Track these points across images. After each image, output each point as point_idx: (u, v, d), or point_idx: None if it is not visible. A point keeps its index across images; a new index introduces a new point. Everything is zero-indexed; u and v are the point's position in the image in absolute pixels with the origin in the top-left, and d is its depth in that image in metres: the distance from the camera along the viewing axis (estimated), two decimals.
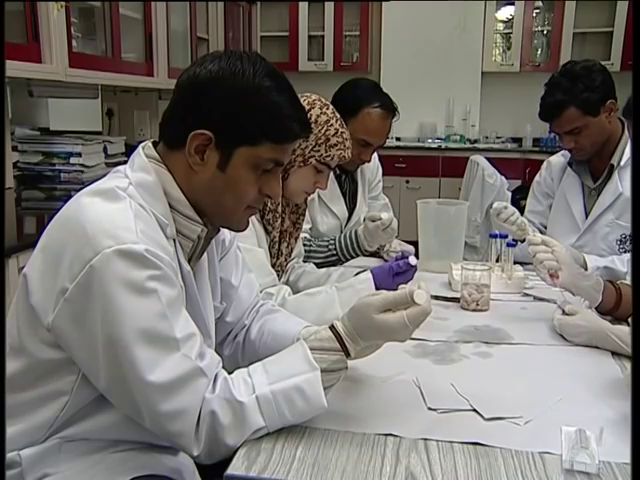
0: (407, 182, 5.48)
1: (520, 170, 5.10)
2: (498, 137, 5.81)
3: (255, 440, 1.03)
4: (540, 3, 5.77)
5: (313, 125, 1.66)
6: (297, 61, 5.88)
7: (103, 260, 0.96)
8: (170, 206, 1.10)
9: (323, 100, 1.73)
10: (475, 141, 5.75)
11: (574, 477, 0.95)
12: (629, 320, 1.62)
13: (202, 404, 1.01)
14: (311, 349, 1.07)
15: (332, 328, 1.10)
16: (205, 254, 1.23)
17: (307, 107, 1.68)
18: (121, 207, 1.03)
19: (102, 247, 0.97)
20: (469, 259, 2.91)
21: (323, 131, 1.66)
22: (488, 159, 4.43)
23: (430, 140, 5.74)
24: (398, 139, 5.73)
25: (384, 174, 2.62)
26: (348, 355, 1.09)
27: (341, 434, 1.07)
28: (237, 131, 1.06)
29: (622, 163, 2.11)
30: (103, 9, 3.05)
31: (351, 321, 1.10)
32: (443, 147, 5.60)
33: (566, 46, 5.51)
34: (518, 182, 4.72)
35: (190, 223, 1.12)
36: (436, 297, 1.81)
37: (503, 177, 4.23)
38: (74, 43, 2.79)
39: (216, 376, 1.05)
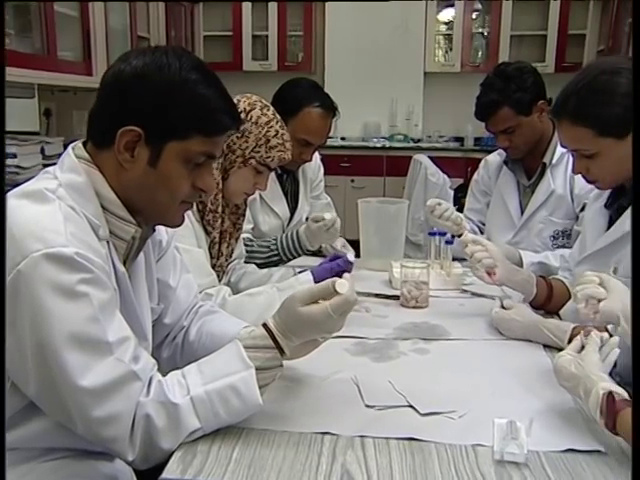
0: (352, 181, 5.52)
1: (462, 169, 5.19)
2: (441, 136, 5.90)
3: (191, 442, 1.03)
4: (479, 5, 5.89)
5: (253, 126, 1.66)
6: (241, 61, 5.84)
7: (31, 264, 0.94)
8: (102, 207, 1.08)
9: (263, 101, 1.73)
10: (418, 140, 5.83)
11: (504, 467, 0.98)
12: (560, 313, 1.68)
13: (136, 408, 1.00)
14: (245, 348, 1.07)
15: (265, 326, 1.10)
16: (142, 255, 1.21)
17: (247, 108, 1.67)
18: (50, 209, 1.01)
19: (30, 251, 0.94)
20: (413, 257, 2.96)
21: (263, 132, 1.66)
22: (431, 158, 4.50)
23: (375, 140, 5.79)
24: (343, 139, 5.76)
25: (329, 174, 2.63)
26: (282, 352, 1.09)
27: (278, 434, 1.07)
28: (166, 126, 1.05)
29: (554, 161, 2.17)
30: (38, 6, 2.97)
31: (281, 317, 1.10)
32: (387, 146, 5.66)
33: (504, 48, 5.64)
34: (460, 180, 4.80)
35: (123, 224, 1.10)
36: (377, 295, 1.84)
37: (446, 176, 4.30)
38: (7, 40, 2.70)
39: (150, 379, 1.04)
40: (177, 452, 1.00)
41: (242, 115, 1.66)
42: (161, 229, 1.30)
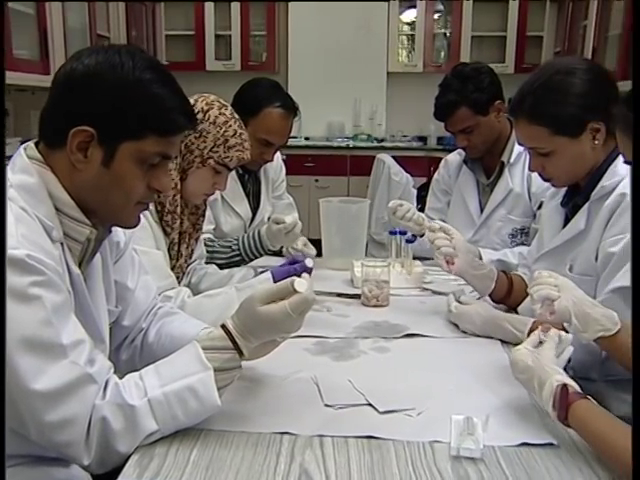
0: (316, 181, 5.52)
1: (425, 168, 5.23)
2: (404, 136, 5.94)
3: (149, 445, 1.02)
4: (441, 6, 5.95)
5: (211, 126, 1.65)
6: (204, 60, 5.80)
7: None
8: (56, 208, 1.06)
9: (221, 101, 1.72)
10: (382, 140, 5.86)
11: (460, 463, 0.99)
12: (518, 309, 1.70)
13: (92, 411, 0.99)
14: (203, 349, 1.07)
15: (223, 327, 1.10)
16: (98, 257, 1.19)
17: (205, 108, 1.67)
18: None
19: None
20: (377, 255, 2.98)
21: (222, 132, 1.65)
22: (395, 157, 4.53)
23: (339, 139, 5.80)
24: (307, 138, 5.77)
25: (293, 173, 2.63)
26: (241, 353, 1.09)
27: (237, 435, 1.07)
28: (119, 126, 1.04)
29: (512, 160, 2.21)
30: None
31: (240, 318, 1.10)
32: (351, 146, 5.67)
33: (465, 48, 5.71)
34: (423, 179, 4.84)
35: (77, 225, 1.09)
36: (338, 294, 1.84)
37: (409, 175, 4.33)
38: None
39: (107, 382, 1.03)
40: (134, 455, 0.99)
41: (200, 115, 1.65)
42: (118, 230, 1.29)
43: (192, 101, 1.68)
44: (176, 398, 1.02)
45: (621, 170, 1.45)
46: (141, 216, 1.54)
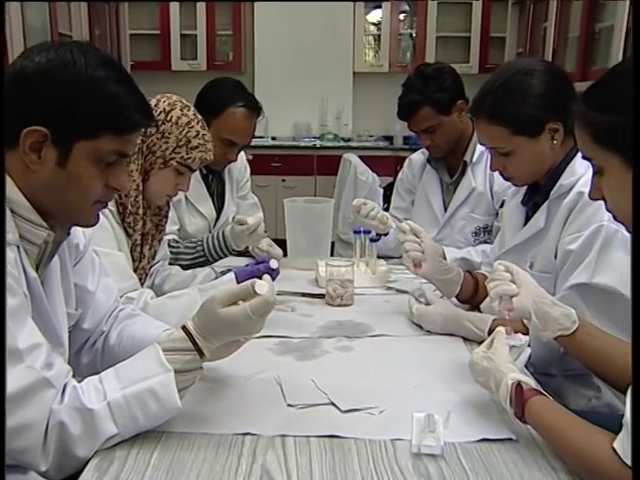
0: (283, 181, 5.51)
1: (391, 167, 5.26)
2: (370, 135, 5.97)
3: (108, 449, 1.01)
4: (407, 7, 5.99)
5: (174, 127, 1.63)
6: (169, 60, 5.75)
7: None
8: (11, 210, 1.04)
9: (184, 101, 1.71)
10: (349, 140, 5.87)
11: (421, 460, 1.00)
12: (480, 307, 1.72)
13: (49, 416, 0.97)
14: (164, 350, 1.06)
15: (184, 328, 1.09)
16: (56, 259, 1.18)
17: (167, 108, 1.65)
18: None
19: None
20: (344, 255, 2.99)
21: (184, 133, 1.64)
22: (361, 157, 4.55)
23: (306, 139, 5.80)
24: (273, 138, 5.75)
25: (260, 173, 2.62)
26: (202, 355, 1.08)
27: (199, 436, 1.06)
28: (73, 125, 1.02)
29: (474, 159, 2.24)
30: None
31: (200, 319, 1.09)
32: (318, 146, 5.68)
33: (430, 49, 5.76)
34: (390, 179, 4.85)
35: (34, 228, 1.07)
36: (302, 294, 1.85)
37: (375, 174, 4.35)
38: None
39: (65, 386, 1.01)
40: (93, 460, 0.98)
41: (162, 116, 1.64)
42: (78, 232, 1.27)
43: (154, 101, 1.67)
44: (136, 401, 1.01)
45: (579, 169, 1.48)
46: (103, 217, 1.55)
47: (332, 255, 3.45)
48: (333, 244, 4.04)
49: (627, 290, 1.34)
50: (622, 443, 0.85)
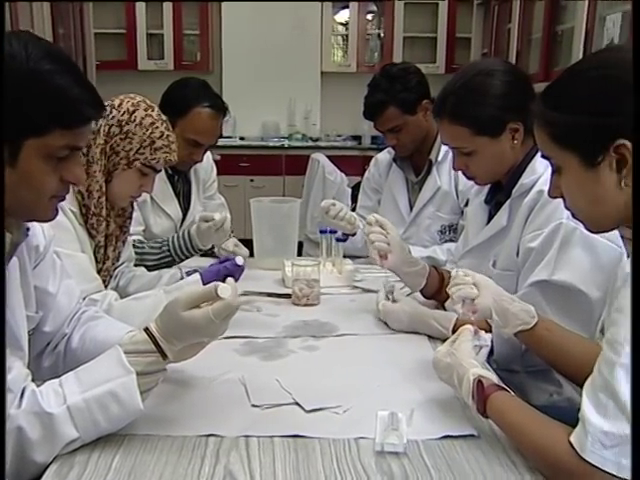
0: (251, 181, 5.50)
1: (359, 167, 5.26)
2: (339, 135, 5.99)
3: (69, 453, 0.99)
4: (374, 7, 6.02)
5: (137, 127, 1.62)
6: (136, 59, 5.69)
7: None
8: None
9: (148, 102, 1.69)
10: (317, 139, 5.88)
11: (384, 458, 1.01)
12: (445, 305, 1.73)
13: (7, 421, 0.95)
14: (126, 353, 1.05)
15: (147, 330, 1.08)
16: (15, 261, 1.15)
17: (131, 109, 1.63)
18: None
19: None
20: (313, 255, 2.98)
21: (148, 134, 1.62)
22: (330, 157, 4.56)
23: (274, 139, 5.79)
24: (242, 138, 5.74)
25: (228, 173, 2.61)
26: (165, 356, 1.07)
27: (161, 439, 1.05)
28: (20, 122, 0.97)
29: (439, 159, 2.26)
30: None
31: (163, 321, 1.08)
32: (286, 146, 5.68)
33: (397, 49, 5.80)
34: (358, 178, 4.86)
35: None
36: (268, 294, 1.84)
37: (343, 174, 4.36)
38: None
39: (23, 390, 1.00)
40: (52, 465, 0.97)
41: (125, 116, 1.62)
42: (38, 234, 1.24)
43: (117, 101, 1.65)
44: (97, 404, 1.00)
45: (539, 168, 1.50)
46: (65, 219, 1.53)
47: (300, 255, 3.46)
48: (302, 244, 4.05)
49: (586, 286, 1.37)
50: (579, 437, 0.87)
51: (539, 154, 1.51)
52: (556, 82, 1.04)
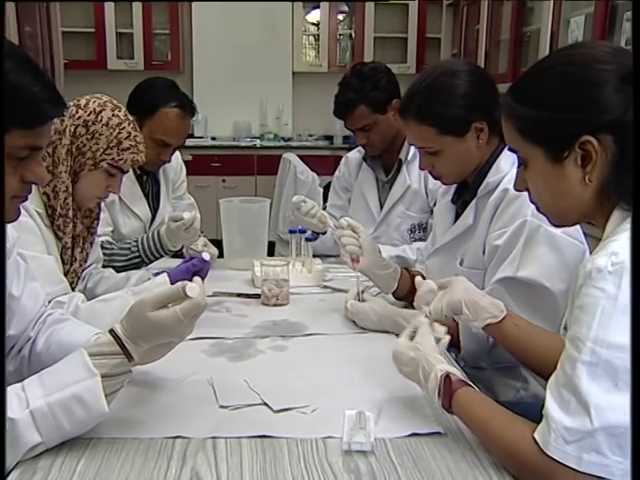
0: (223, 181, 5.48)
1: (331, 167, 5.22)
2: (311, 135, 5.99)
3: (32, 459, 0.98)
4: (346, 7, 6.03)
5: (104, 128, 1.60)
6: (105, 59, 5.63)
7: None
8: None
9: (114, 102, 1.68)
10: (289, 139, 5.88)
11: (351, 457, 1.01)
12: (414, 304, 1.75)
13: None
14: (91, 355, 1.03)
15: (112, 332, 1.07)
16: None
17: (97, 109, 1.62)
18: None
19: None
20: (286, 255, 2.98)
21: (115, 134, 1.60)
22: (302, 157, 4.56)
23: (248, 139, 5.77)
24: (213, 138, 5.71)
25: (200, 174, 2.59)
26: (131, 358, 1.06)
27: (128, 442, 1.04)
28: None
29: (409, 158, 2.27)
30: None
31: (129, 322, 1.07)
32: (258, 146, 5.66)
33: (368, 49, 5.83)
34: (330, 178, 4.89)
35: None
36: (238, 295, 1.84)
37: (314, 174, 4.37)
38: None
39: None
40: (15, 471, 0.95)
41: (92, 116, 1.60)
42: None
43: (83, 101, 1.63)
44: (61, 408, 0.99)
45: (504, 167, 1.52)
46: (30, 220, 1.51)
47: (273, 255, 3.46)
48: (274, 244, 4.05)
49: (550, 282, 1.39)
50: (542, 433, 0.88)
51: (504, 153, 1.54)
52: (524, 77, 1.05)
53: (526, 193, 1.41)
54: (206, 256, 1.58)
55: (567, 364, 0.88)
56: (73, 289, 1.64)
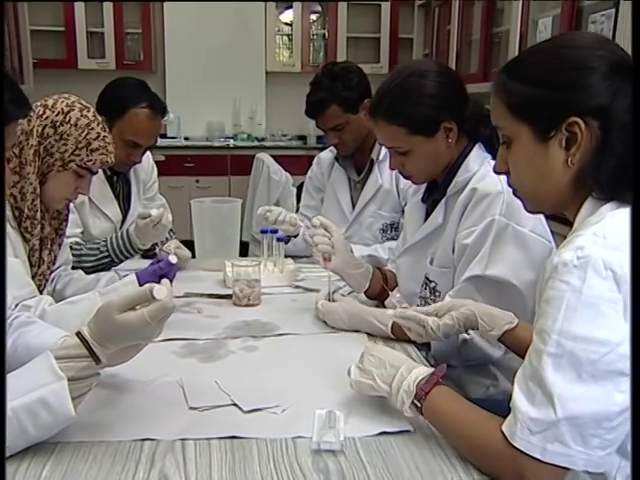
0: (197, 182, 5.44)
1: (305, 167, 5.20)
2: (284, 135, 5.99)
3: None
4: (319, 8, 6.04)
5: (72, 128, 1.58)
6: (76, 58, 5.56)
7: None
8: None
9: (83, 102, 1.66)
10: (262, 139, 5.86)
11: (321, 456, 1.01)
12: (385, 303, 1.76)
13: None
14: (57, 358, 1.02)
15: (79, 334, 1.06)
16: None
17: (66, 109, 1.60)
18: None
19: None
20: (259, 255, 2.97)
21: (84, 135, 1.59)
22: (275, 157, 4.56)
23: (222, 139, 5.74)
24: (186, 139, 5.67)
25: (173, 174, 2.56)
26: (99, 361, 1.05)
27: (95, 445, 1.03)
28: None
29: (381, 157, 2.27)
30: None
31: (96, 324, 1.06)
32: (231, 146, 5.64)
33: (341, 49, 5.85)
34: (303, 178, 4.89)
35: None
36: (209, 295, 1.83)
37: (288, 174, 4.37)
38: None
39: None
40: None
41: (60, 117, 1.58)
42: None
43: (51, 102, 1.61)
44: (26, 412, 0.97)
45: (473, 166, 1.54)
46: None
47: (247, 255, 3.45)
48: (248, 244, 4.04)
49: (518, 280, 1.40)
50: (509, 424, 0.90)
51: (473, 152, 1.56)
52: (520, 55, 1.09)
53: (494, 192, 1.44)
54: (173, 259, 1.57)
55: (534, 356, 0.89)
56: (41, 292, 1.62)
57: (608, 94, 0.93)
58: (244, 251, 3.64)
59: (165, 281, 1.11)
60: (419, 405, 1.04)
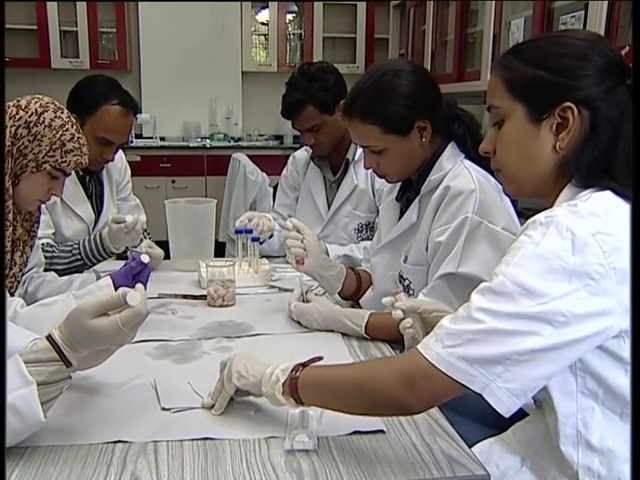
0: (173, 182, 5.41)
1: (281, 166, 5.21)
2: (261, 135, 5.97)
3: None
4: (295, 8, 6.03)
5: (46, 129, 1.56)
6: (49, 57, 5.48)
7: None
8: None
9: (57, 103, 1.63)
10: (239, 139, 5.85)
11: (294, 456, 1.01)
12: (360, 302, 1.76)
13: None
14: (26, 362, 1.01)
15: (49, 337, 1.04)
16: None
17: (39, 110, 1.57)
18: None
19: None
20: (235, 255, 2.96)
21: (58, 136, 1.56)
22: (252, 157, 4.54)
23: (198, 140, 5.71)
24: (162, 139, 5.63)
25: (149, 174, 2.54)
26: (69, 364, 1.04)
27: (66, 449, 1.02)
28: None
29: (356, 157, 2.27)
30: None
31: (67, 328, 1.04)
32: (208, 146, 5.61)
33: (317, 49, 5.85)
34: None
35: None
36: (184, 296, 1.82)
37: (264, 173, 4.37)
38: None
39: None
40: None
41: (33, 117, 1.55)
42: None
43: (24, 102, 1.58)
44: None
45: (446, 165, 1.55)
46: None
47: (224, 255, 3.43)
48: (224, 245, 4.02)
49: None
50: (425, 340, 0.94)
51: (446, 152, 1.57)
52: (526, 41, 1.12)
53: (467, 191, 1.45)
54: (145, 258, 1.55)
55: (473, 292, 0.94)
56: (12, 294, 1.59)
57: (602, 88, 0.98)
58: (221, 251, 3.62)
59: (139, 286, 1.09)
60: (296, 376, 1.05)
